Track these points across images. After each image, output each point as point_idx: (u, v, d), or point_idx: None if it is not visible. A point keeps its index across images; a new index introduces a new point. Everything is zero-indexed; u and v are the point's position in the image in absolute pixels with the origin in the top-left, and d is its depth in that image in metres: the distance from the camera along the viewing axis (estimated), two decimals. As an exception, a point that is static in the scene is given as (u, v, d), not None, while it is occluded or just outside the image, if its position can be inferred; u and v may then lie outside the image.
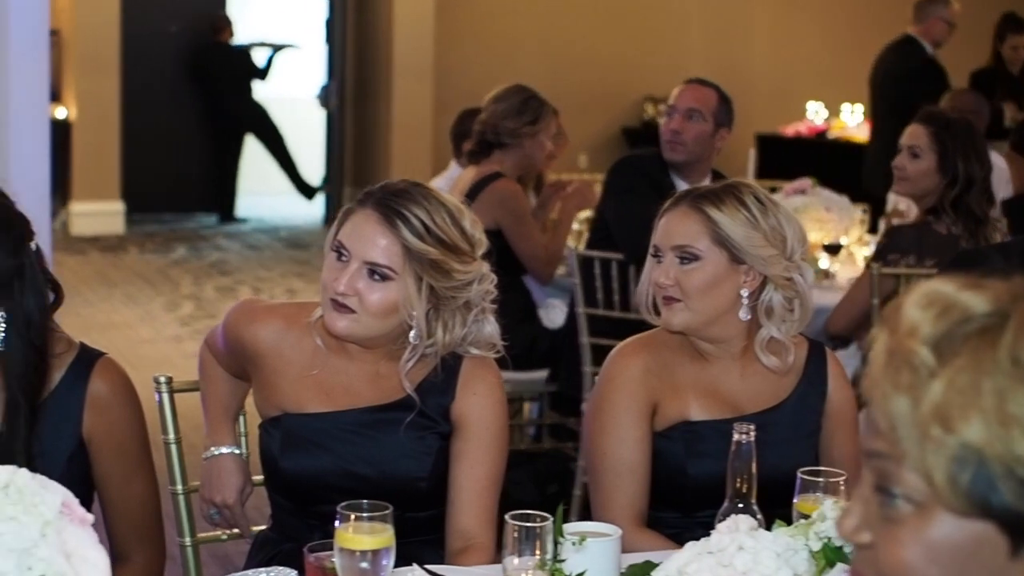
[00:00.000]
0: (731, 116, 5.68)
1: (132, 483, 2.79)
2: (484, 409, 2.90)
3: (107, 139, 12.83)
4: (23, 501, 1.78)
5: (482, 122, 5.81)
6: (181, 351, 8.55)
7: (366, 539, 2.24)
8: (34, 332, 2.64)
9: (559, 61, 13.68)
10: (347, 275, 2.80)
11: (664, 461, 3.02)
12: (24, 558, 1.73)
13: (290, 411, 2.91)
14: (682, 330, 3.05)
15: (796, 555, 2.17)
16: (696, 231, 3.03)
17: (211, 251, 12.30)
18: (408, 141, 13.32)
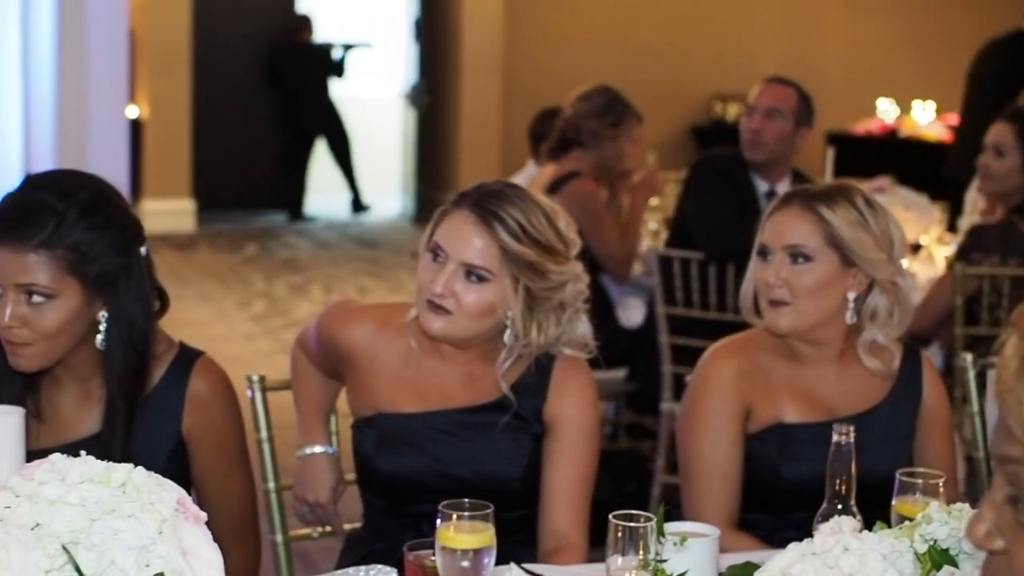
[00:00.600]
0: (811, 115, 5.66)
1: (230, 481, 2.81)
2: (577, 410, 2.90)
3: (178, 138, 12.92)
4: (140, 499, 1.79)
5: (564, 119, 5.81)
6: (254, 349, 8.60)
7: (467, 538, 2.24)
8: (136, 335, 2.66)
9: (628, 58, 13.65)
10: (444, 276, 2.80)
11: (757, 463, 3.01)
12: (142, 555, 1.75)
13: (384, 411, 2.92)
14: (788, 333, 3.03)
15: (902, 557, 2.16)
16: (809, 231, 3.00)
17: (281, 249, 12.35)
18: (477, 139, 13.34)
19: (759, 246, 3.07)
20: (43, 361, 2.64)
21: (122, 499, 1.79)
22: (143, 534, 1.76)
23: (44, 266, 2.57)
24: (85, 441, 2.68)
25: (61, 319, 2.60)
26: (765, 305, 3.03)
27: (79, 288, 2.60)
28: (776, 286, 3.00)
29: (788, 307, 3.00)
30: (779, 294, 3.00)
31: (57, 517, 1.77)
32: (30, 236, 2.56)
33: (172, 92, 12.81)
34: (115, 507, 1.78)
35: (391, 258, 12.01)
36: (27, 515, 1.78)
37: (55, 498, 1.78)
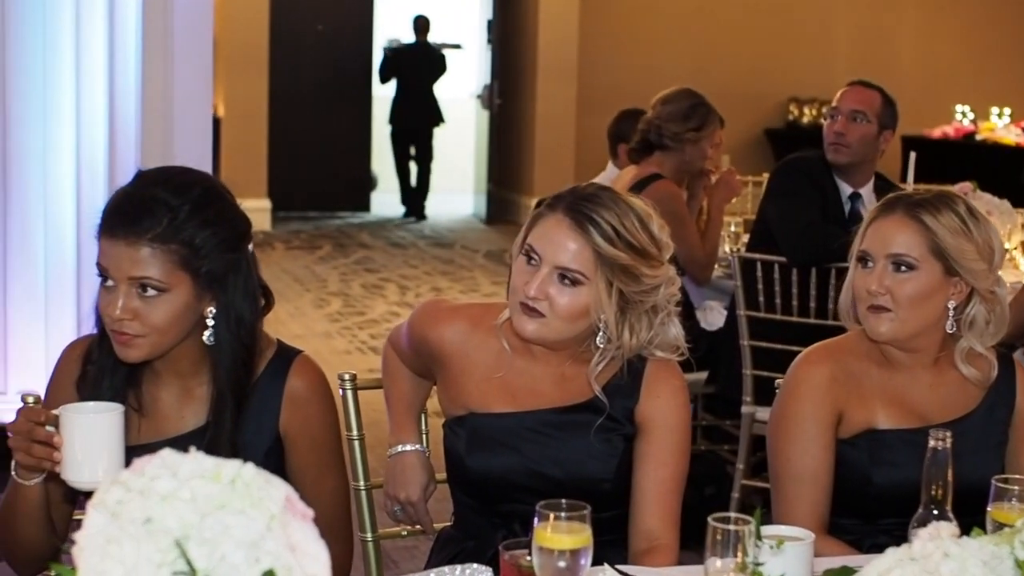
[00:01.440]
0: (895, 118, 5.63)
1: (325, 478, 2.82)
2: (668, 411, 2.90)
3: (254, 137, 13.01)
4: (250, 495, 1.80)
5: (647, 122, 5.80)
6: (331, 347, 8.65)
7: (565, 538, 2.24)
8: (244, 331, 2.69)
9: (702, 61, 13.62)
10: (538, 279, 2.81)
11: (848, 469, 3.00)
12: (253, 551, 1.76)
13: (476, 411, 2.93)
14: (888, 340, 3.01)
15: (1002, 563, 2.14)
16: (914, 240, 2.98)
17: (356, 249, 12.40)
18: (551, 141, 13.35)
19: (860, 253, 3.04)
20: (151, 352, 2.66)
21: (232, 495, 1.80)
22: (253, 530, 1.76)
23: (157, 260, 2.60)
24: (186, 436, 2.71)
25: (171, 313, 2.62)
26: (864, 311, 3.01)
27: (190, 283, 2.63)
28: (879, 294, 2.98)
29: (889, 314, 2.98)
30: (881, 301, 2.98)
31: (169, 512, 1.78)
32: (144, 230, 2.59)
33: (249, 92, 12.90)
34: (225, 503, 1.79)
35: (465, 258, 12.04)
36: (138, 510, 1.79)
37: (167, 493, 1.79)
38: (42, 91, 5.91)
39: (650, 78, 10.04)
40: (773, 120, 14.31)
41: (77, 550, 1.69)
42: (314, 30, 14.09)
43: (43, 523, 2.73)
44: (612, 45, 13.68)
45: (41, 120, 5.93)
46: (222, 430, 2.69)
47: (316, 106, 14.12)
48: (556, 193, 2.91)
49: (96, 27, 5.93)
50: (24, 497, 2.68)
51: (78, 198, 6.00)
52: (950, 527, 2.23)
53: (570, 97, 13.41)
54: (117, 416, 2.52)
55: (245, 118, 12.93)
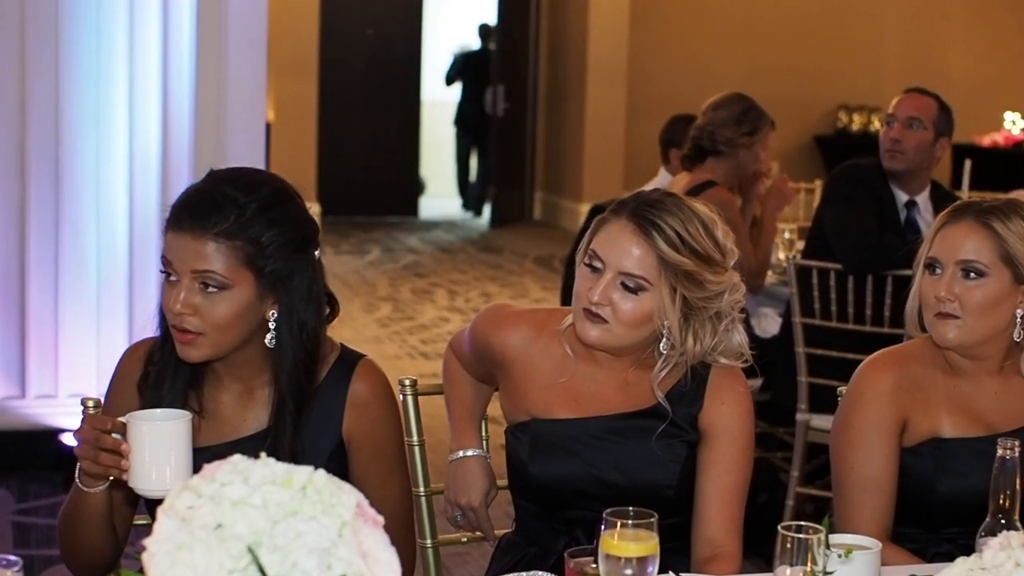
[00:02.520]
0: (951, 125, 5.59)
1: (388, 484, 2.80)
2: (732, 419, 2.89)
3: (304, 141, 13.04)
4: (322, 501, 1.79)
5: (699, 128, 5.77)
6: (381, 352, 8.65)
7: (632, 546, 2.24)
8: (307, 335, 2.68)
9: (752, 68, 13.59)
10: (601, 285, 2.79)
11: (912, 477, 2.98)
12: (325, 557, 1.75)
13: (539, 416, 2.92)
14: (955, 347, 2.98)
15: (1073, 574, 2.12)
16: (984, 246, 2.94)
17: (404, 253, 12.43)
18: (601, 147, 13.34)
19: (928, 259, 3.01)
20: (212, 352, 2.65)
21: (303, 501, 1.80)
22: (325, 536, 1.76)
23: (222, 255, 2.59)
24: (247, 440, 2.71)
25: (232, 311, 2.62)
26: (931, 318, 2.98)
27: (253, 282, 2.62)
28: (947, 300, 2.95)
29: (957, 321, 2.94)
30: (949, 308, 2.94)
31: (240, 518, 1.77)
32: (211, 225, 2.59)
33: (298, 95, 12.94)
34: (297, 509, 1.79)
35: (514, 263, 12.04)
36: (209, 516, 1.79)
37: (238, 499, 1.79)
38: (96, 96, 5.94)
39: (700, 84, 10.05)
40: (823, 127, 14.26)
41: (147, 556, 1.68)
42: (363, 34, 14.12)
43: (106, 529, 2.73)
44: (662, 51, 13.66)
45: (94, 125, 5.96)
46: (283, 434, 2.68)
47: (365, 110, 14.16)
48: (620, 199, 2.90)
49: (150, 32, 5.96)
50: (88, 504, 2.68)
51: (131, 203, 6.02)
52: (1021, 536, 2.20)
53: (620, 102, 13.40)
54: (185, 424, 2.52)
55: (295, 122, 12.97)
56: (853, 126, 14.10)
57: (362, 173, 14.15)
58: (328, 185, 13.39)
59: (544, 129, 14.45)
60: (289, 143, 12.91)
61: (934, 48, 14.40)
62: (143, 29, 5.95)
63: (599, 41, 13.32)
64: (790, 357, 5.41)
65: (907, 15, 14.36)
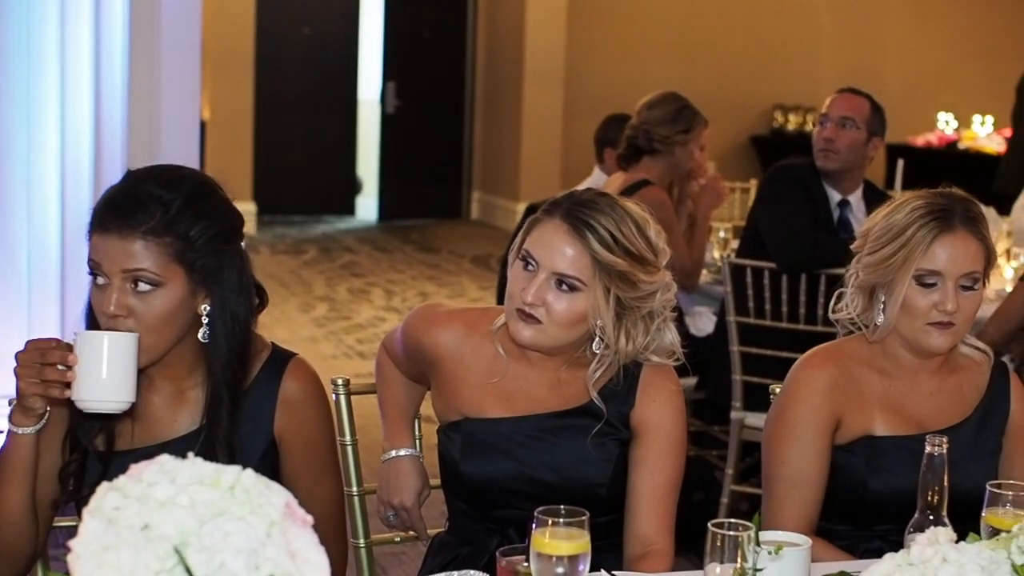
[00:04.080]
0: (884, 125, 5.64)
1: (320, 483, 2.80)
2: (664, 416, 2.89)
3: (240, 140, 12.99)
4: (250, 501, 1.78)
5: (634, 127, 5.78)
6: (318, 352, 8.62)
7: (563, 544, 2.23)
8: (239, 327, 2.68)
9: (688, 68, 13.64)
10: (535, 285, 2.79)
11: (844, 475, 2.99)
12: (253, 558, 1.74)
13: (471, 416, 2.92)
14: (946, 351, 3.02)
15: (1000, 568, 2.13)
16: (980, 256, 2.97)
17: (341, 253, 12.39)
18: (538, 146, 13.35)
19: (922, 272, 2.95)
20: (149, 357, 2.63)
21: (231, 501, 1.78)
22: (253, 536, 1.75)
23: (151, 253, 2.58)
24: (181, 440, 2.70)
25: (166, 308, 2.60)
26: (923, 326, 2.96)
27: (184, 277, 2.61)
28: (952, 312, 2.94)
29: (954, 328, 2.96)
30: (952, 318, 2.95)
31: (167, 518, 1.76)
32: (138, 223, 2.57)
33: (235, 95, 12.88)
34: (224, 509, 1.77)
35: (451, 263, 12.03)
36: (136, 516, 1.77)
37: (165, 499, 1.78)
38: (26, 94, 5.88)
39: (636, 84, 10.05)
40: (758, 127, 14.32)
41: (72, 557, 1.67)
42: (300, 33, 14.06)
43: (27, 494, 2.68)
44: (599, 51, 13.68)
45: (25, 123, 5.90)
46: (219, 430, 2.67)
47: (302, 109, 14.10)
48: (553, 199, 2.90)
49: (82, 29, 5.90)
50: (15, 454, 2.65)
51: (63, 202, 5.96)
52: (948, 532, 2.22)
53: (556, 102, 13.41)
54: (134, 340, 2.53)
55: (230, 121, 12.91)
56: (789, 126, 14.17)
57: (299, 172, 14.09)
58: (264, 184, 13.34)
59: (481, 128, 14.44)
60: (225, 142, 12.85)
61: (869, 49, 14.49)
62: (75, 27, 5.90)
63: (536, 40, 13.32)
64: (725, 356, 5.43)
65: (843, 16, 14.45)
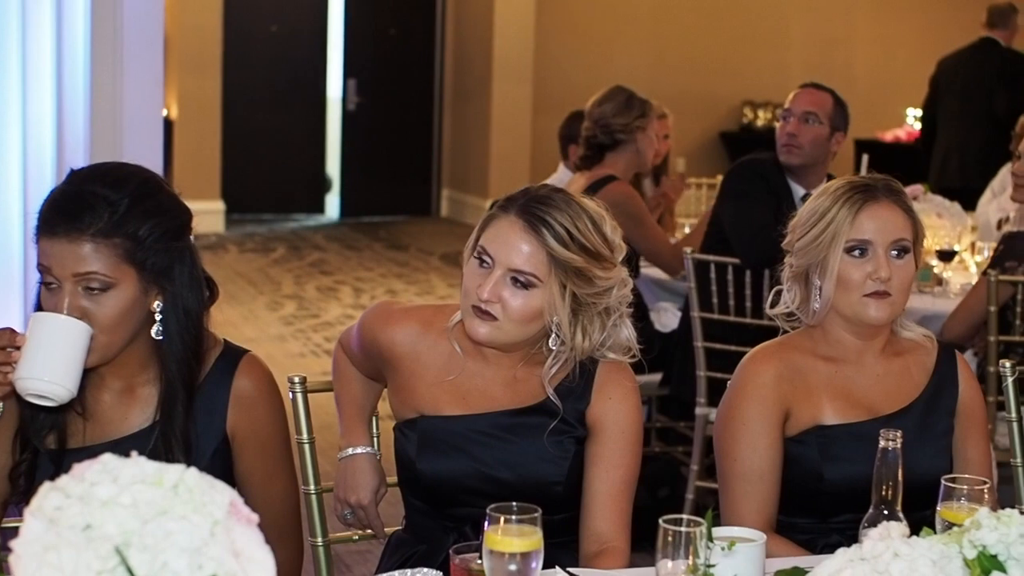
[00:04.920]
0: (847, 120, 5.64)
1: (273, 481, 2.80)
2: (620, 413, 2.89)
3: (208, 139, 12.95)
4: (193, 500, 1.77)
5: (591, 125, 5.80)
6: (285, 350, 8.61)
7: (515, 541, 2.23)
8: (192, 322, 2.67)
9: (658, 64, 13.65)
10: (491, 282, 2.78)
11: (799, 466, 3.00)
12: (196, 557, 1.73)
13: (427, 413, 2.91)
14: (884, 324, 3.05)
15: (951, 563, 2.14)
16: (908, 225, 3.03)
17: (310, 251, 12.37)
18: (507, 143, 13.34)
19: (852, 242, 3.00)
20: (103, 356, 2.63)
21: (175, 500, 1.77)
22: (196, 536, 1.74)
23: (101, 255, 2.57)
24: (134, 437, 2.69)
25: (119, 309, 2.59)
26: (860, 298, 3.00)
27: (136, 277, 2.60)
28: (886, 279, 2.98)
29: (890, 298, 3.01)
30: (886, 287, 2.99)
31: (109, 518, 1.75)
32: (86, 226, 2.56)
33: (202, 92, 12.85)
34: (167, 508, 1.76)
35: (419, 260, 12.03)
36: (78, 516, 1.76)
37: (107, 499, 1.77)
38: (-12, 93, 5.85)
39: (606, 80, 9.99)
40: (728, 123, 14.34)
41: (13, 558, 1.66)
42: (268, 31, 14.02)
43: None
44: (567, 47, 13.68)
45: (-13, 123, 5.87)
46: (175, 424, 2.67)
47: (270, 107, 14.06)
48: (508, 195, 2.89)
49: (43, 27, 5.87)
50: None
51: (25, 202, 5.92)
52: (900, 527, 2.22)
53: (525, 98, 13.41)
54: (85, 331, 2.54)
55: (198, 119, 12.88)
56: (758, 122, 14.20)
57: (267, 170, 14.06)
58: (233, 183, 13.31)
59: (450, 125, 14.43)
60: (193, 140, 12.82)
61: (838, 45, 14.52)
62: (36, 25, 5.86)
63: (504, 37, 13.32)
64: (689, 351, 5.43)
65: (812, 12, 14.48)
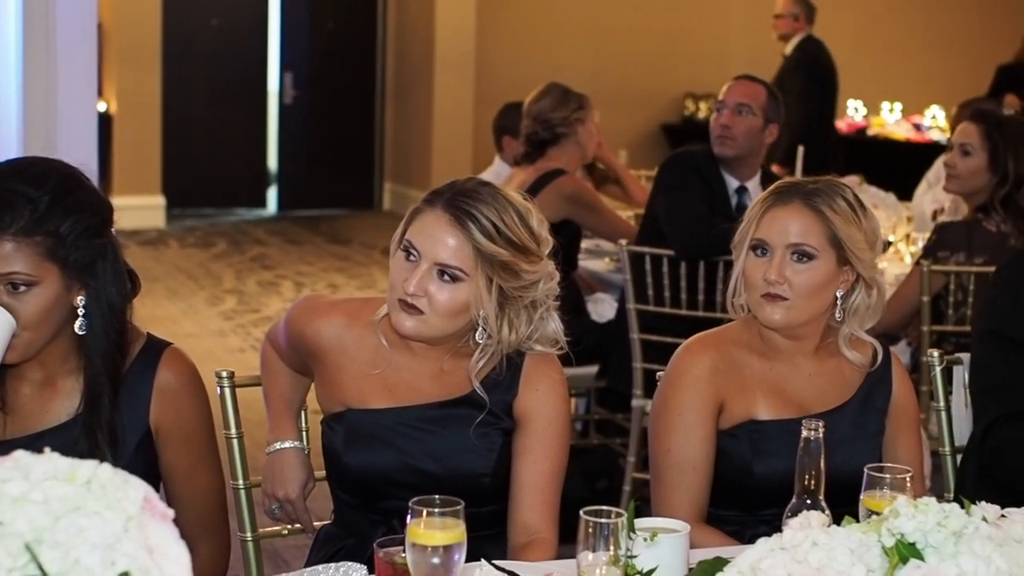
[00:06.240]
0: (780, 112, 5.67)
1: (198, 474, 2.79)
2: (547, 405, 2.89)
3: (148, 133, 12.87)
4: (106, 496, 1.76)
5: (530, 123, 5.81)
6: (225, 345, 8.57)
7: (438, 534, 2.23)
8: (116, 315, 2.67)
9: (600, 57, 13.67)
10: (417, 276, 2.78)
11: (730, 460, 3.01)
12: (108, 553, 1.72)
13: (353, 407, 2.91)
14: (780, 328, 3.03)
15: (869, 551, 2.15)
16: (813, 230, 2.99)
17: (252, 246, 12.32)
18: (449, 136, 13.33)
19: (754, 241, 3.03)
20: (25, 353, 2.62)
21: (87, 496, 1.76)
22: (109, 532, 1.73)
23: (23, 254, 2.56)
24: (55, 430, 2.68)
25: (43, 306, 2.59)
26: (758, 298, 3.02)
27: (58, 274, 2.59)
28: (777, 283, 2.98)
29: (786, 302, 2.99)
30: (779, 290, 2.98)
31: (20, 515, 1.74)
32: (6, 225, 2.55)
33: (141, 86, 12.77)
34: (80, 504, 1.76)
35: (361, 255, 12.00)
36: (-11, 513, 1.75)
37: (18, 496, 1.75)
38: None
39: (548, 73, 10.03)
40: (669, 115, 14.37)
41: (-75, 556, 1.65)
42: (208, 24, 13.95)
43: None
44: (509, 39, 13.68)
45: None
46: (100, 417, 2.66)
47: (211, 101, 13.98)
48: (435, 188, 2.89)
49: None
50: None
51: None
52: (820, 516, 2.24)
53: (467, 91, 13.39)
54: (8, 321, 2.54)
55: (138, 114, 12.79)
56: (700, 114, 14.23)
57: (208, 164, 13.97)
58: (174, 177, 13.23)
59: (392, 118, 14.40)
60: (133, 135, 12.73)
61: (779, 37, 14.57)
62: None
63: (446, 30, 13.30)
64: (625, 343, 5.44)
65: (752, 4, 14.52)
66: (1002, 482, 3.26)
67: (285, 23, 14.20)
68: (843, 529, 2.21)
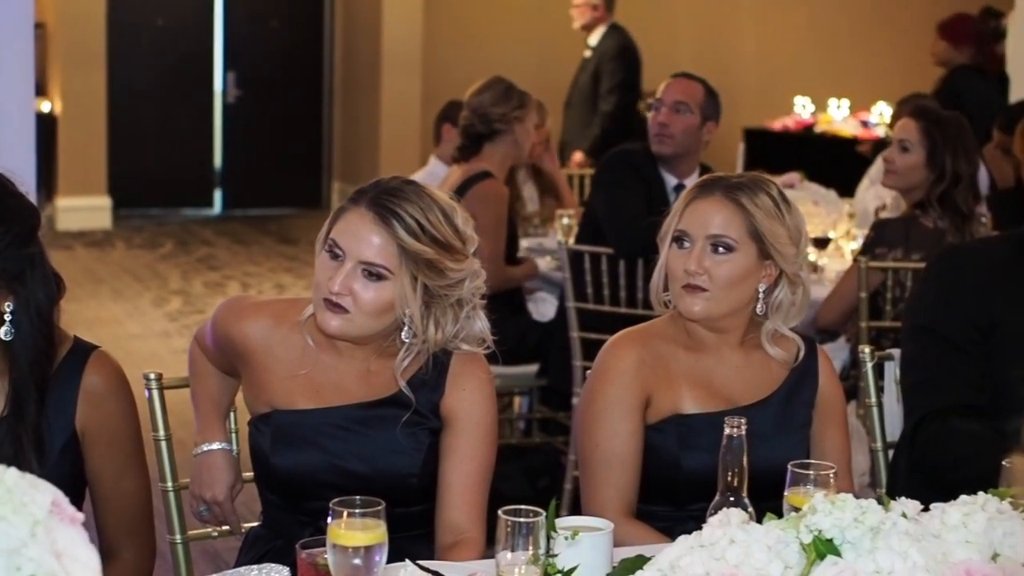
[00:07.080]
0: (718, 109, 5.68)
1: (124, 478, 2.79)
2: (474, 404, 2.89)
3: (93, 133, 12.80)
4: (12, 500, 1.75)
5: (469, 115, 5.77)
6: (169, 347, 8.53)
7: (359, 535, 2.23)
8: (43, 320, 2.65)
9: (546, 56, 13.66)
10: (341, 275, 2.78)
11: (657, 454, 3.02)
12: (13, 558, 1.71)
13: (280, 408, 2.90)
14: (701, 319, 3.05)
15: (787, 548, 2.16)
16: (733, 222, 3.01)
17: (199, 246, 12.27)
18: (397, 135, 13.31)
19: (676, 232, 3.06)
20: None
21: (-8, 501, 1.75)
22: (14, 536, 1.72)
23: None
24: None
25: None
26: (679, 290, 3.04)
27: None
28: (697, 274, 3.00)
29: (705, 293, 3.01)
30: (698, 281, 3.00)
31: (-76, 521, 1.73)
32: None
33: (86, 86, 12.68)
34: (-15, 509, 1.74)
35: (309, 255, 11.97)
36: None
37: (-77, 501, 1.74)
38: None
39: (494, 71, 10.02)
40: (616, 113, 14.38)
41: None
42: (153, 24, 13.87)
43: None
44: (456, 39, 13.67)
45: None
46: (26, 421, 2.65)
47: (157, 101, 13.89)
48: (359, 187, 2.89)
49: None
50: None
51: None
52: (740, 513, 2.25)
53: (415, 91, 13.37)
54: None
55: (83, 114, 12.71)
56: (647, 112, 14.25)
57: (155, 164, 13.88)
58: (120, 178, 13.14)
59: (339, 117, 14.37)
60: (78, 135, 12.66)
61: (727, 35, 14.61)
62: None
63: (393, 29, 13.28)
64: (566, 342, 5.45)
65: (697, 2, 14.56)
66: (932, 477, 3.29)
67: (228, 22, 14.13)
68: (762, 526, 2.22)
